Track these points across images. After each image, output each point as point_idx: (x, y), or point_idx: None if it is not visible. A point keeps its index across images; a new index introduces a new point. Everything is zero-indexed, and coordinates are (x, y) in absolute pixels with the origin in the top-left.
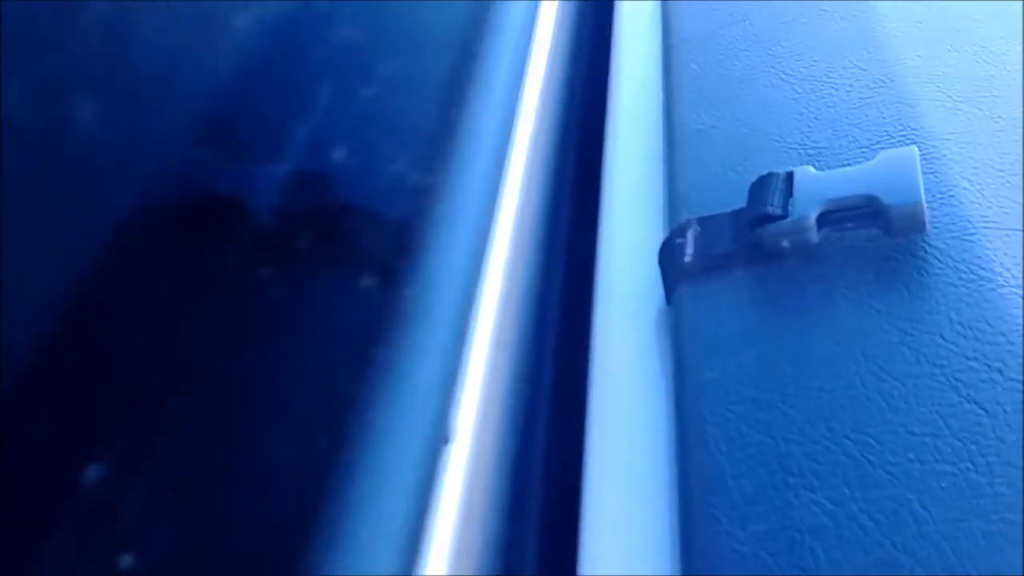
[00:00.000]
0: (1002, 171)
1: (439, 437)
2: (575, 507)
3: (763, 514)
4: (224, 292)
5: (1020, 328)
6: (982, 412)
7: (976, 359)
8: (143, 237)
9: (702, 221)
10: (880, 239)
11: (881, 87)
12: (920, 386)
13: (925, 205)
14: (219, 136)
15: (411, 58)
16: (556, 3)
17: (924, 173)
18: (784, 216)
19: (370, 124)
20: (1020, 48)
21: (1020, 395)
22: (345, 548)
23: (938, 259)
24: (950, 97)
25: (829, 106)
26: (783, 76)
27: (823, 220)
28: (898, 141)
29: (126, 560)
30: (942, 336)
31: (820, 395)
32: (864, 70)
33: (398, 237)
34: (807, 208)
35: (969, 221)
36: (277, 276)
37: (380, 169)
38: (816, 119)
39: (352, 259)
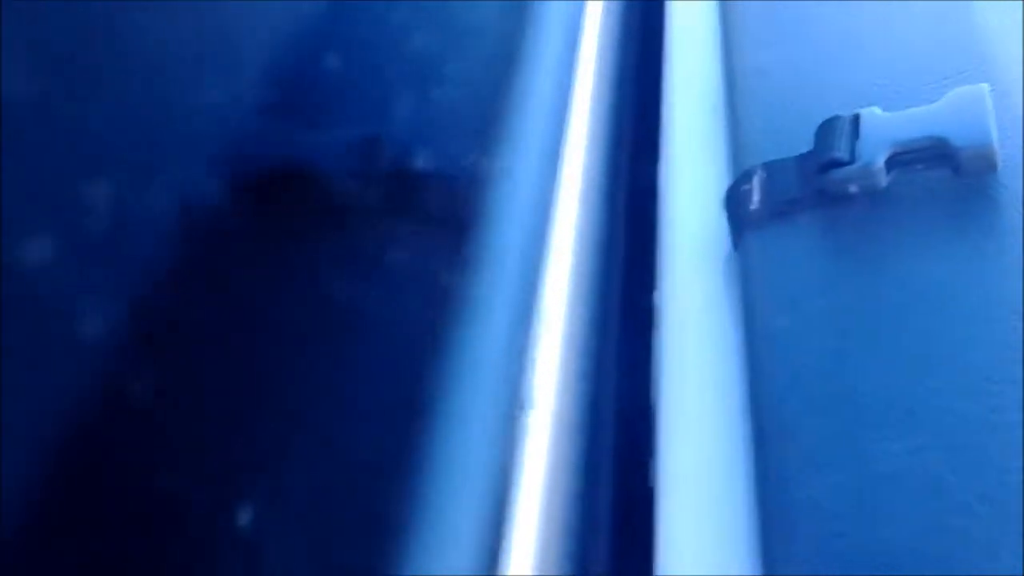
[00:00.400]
0: None
1: (516, 406)
2: (649, 463)
3: (838, 464)
4: (298, 270)
5: None
6: None
7: None
8: (216, 206)
9: (767, 166)
10: (950, 180)
11: (949, 20)
12: (995, 331)
13: (996, 146)
14: (291, 106)
15: (465, 46)
16: None
17: (995, 110)
18: (851, 161)
19: (432, 111)
20: None
21: None
22: (428, 528)
23: (1011, 199)
24: (1020, 31)
25: (895, 42)
26: (847, 11)
27: (891, 163)
28: (968, 78)
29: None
30: (1016, 278)
31: (893, 343)
32: (930, 4)
33: (461, 199)
34: (875, 152)
35: None
36: (348, 252)
37: (443, 152)
38: (882, 56)
39: (421, 236)
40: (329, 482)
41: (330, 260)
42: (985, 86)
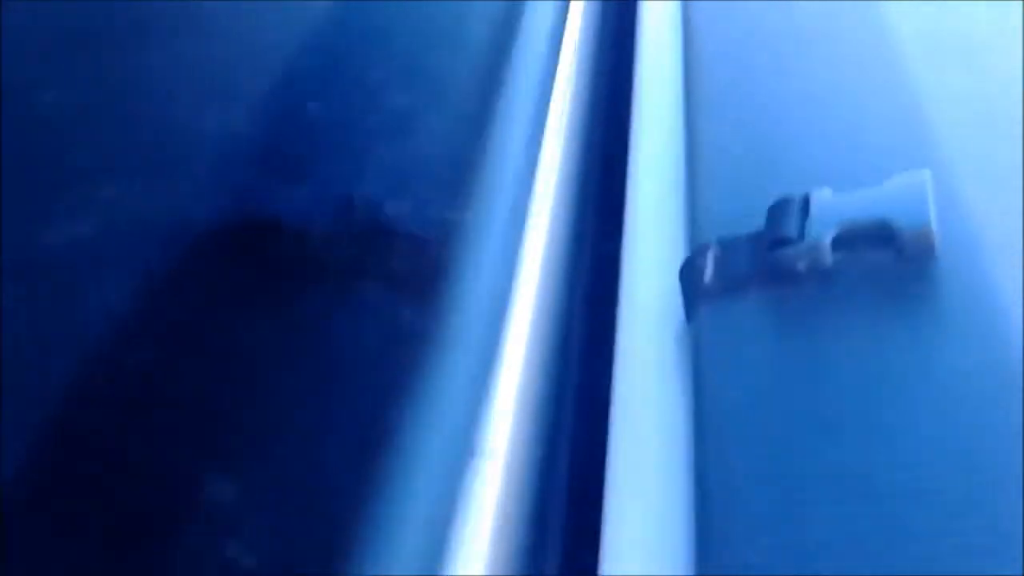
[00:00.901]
0: (1016, 193)
1: (468, 452)
2: (597, 520)
3: (776, 529)
4: (265, 308)
5: None
6: (991, 432)
7: (986, 380)
8: (195, 248)
9: (721, 242)
10: (892, 262)
11: (898, 107)
12: (930, 407)
13: (935, 230)
14: (266, 160)
15: (433, 80)
16: (581, 4)
17: (936, 195)
18: (800, 239)
19: (405, 170)
20: None
21: None
22: (378, 554)
23: (949, 283)
24: (964, 117)
25: (848, 126)
26: (802, 96)
27: (837, 243)
28: (913, 162)
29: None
30: (952, 359)
31: (834, 416)
32: (881, 90)
33: (428, 258)
34: (821, 232)
35: (980, 245)
36: (314, 296)
37: (409, 196)
38: (834, 139)
39: (383, 279)
40: (285, 505)
41: (301, 306)
42: (927, 172)
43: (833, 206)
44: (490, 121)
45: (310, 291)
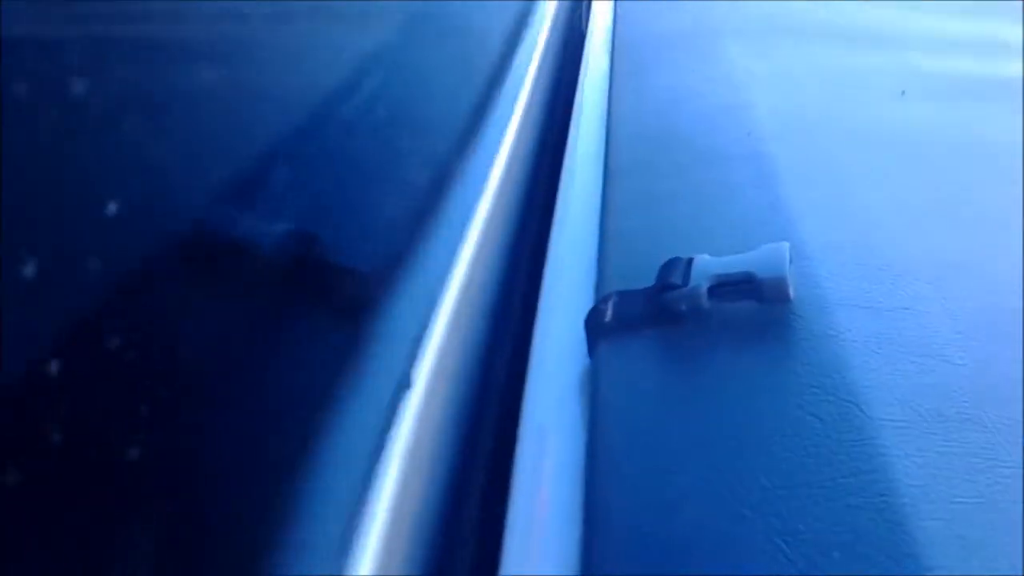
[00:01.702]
0: (859, 262)
1: (376, 461)
2: (502, 521)
3: (655, 531)
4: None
5: (860, 374)
6: (834, 443)
7: (828, 399)
8: (164, 270)
9: (621, 293)
10: (757, 307)
11: (767, 193)
12: (784, 423)
13: (789, 280)
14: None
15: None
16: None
17: (797, 262)
18: (684, 285)
19: (362, 213)
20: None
21: (859, 418)
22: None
23: (801, 325)
24: (825, 201)
25: (729, 204)
26: (697, 180)
27: (713, 291)
28: (782, 236)
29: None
30: (801, 384)
31: (708, 430)
32: (762, 176)
33: (359, 288)
34: (700, 281)
35: (827, 299)
36: (265, 310)
37: (360, 249)
38: (719, 215)
39: (325, 315)
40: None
41: (250, 318)
42: (786, 243)
43: (711, 264)
44: (443, 173)
45: (257, 305)
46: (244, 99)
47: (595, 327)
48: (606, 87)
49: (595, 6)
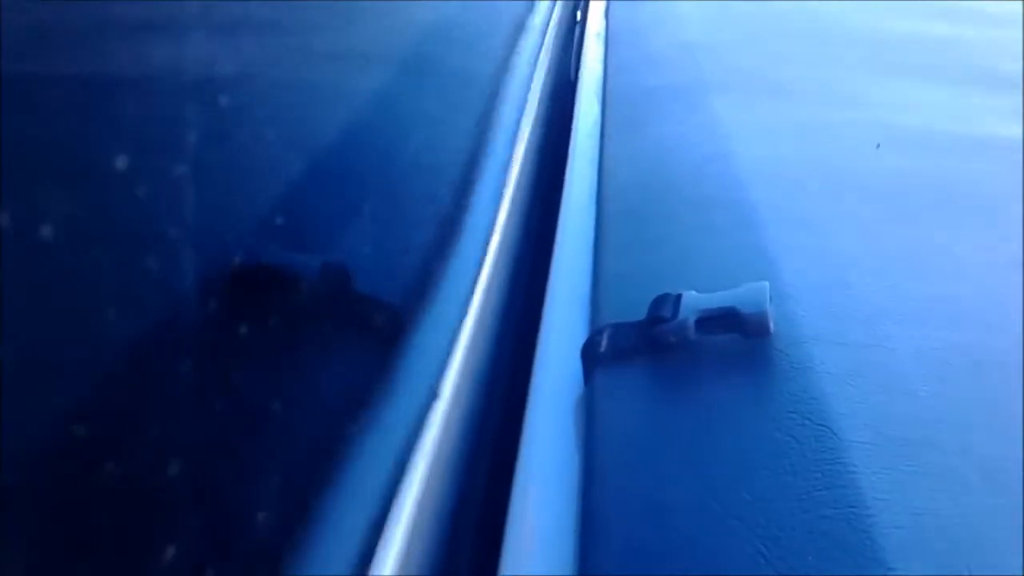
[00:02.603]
0: (834, 302)
1: (399, 467)
2: (502, 527)
3: (647, 539)
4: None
5: (833, 402)
6: (813, 460)
7: (806, 422)
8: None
9: (615, 325)
10: (740, 339)
11: (755, 233)
12: (764, 444)
13: (770, 316)
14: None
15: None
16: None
17: (777, 300)
18: (673, 319)
19: (390, 250)
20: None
21: (832, 440)
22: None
23: (780, 357)
24: (804, 244)
25: (715, 246)
26: (685, 224)
27: (700, 324)
28: (764, 276)
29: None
30: (780, 409)
31: (694, 450)
32: (746, 221)
33: (389, 326)
34: (688, 315)
35: (803, 334)
36: (292, 337)
37: (387, 282)
38: (705, 256)
39: (353, 340)
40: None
41: (286, 342)
42: (766, 283)
43: (698, 300)
44: (447, 215)
45: (291, 333)
46: (261, 133)
47: (591, 356)
48: (598, 136)
49: (585, 54)
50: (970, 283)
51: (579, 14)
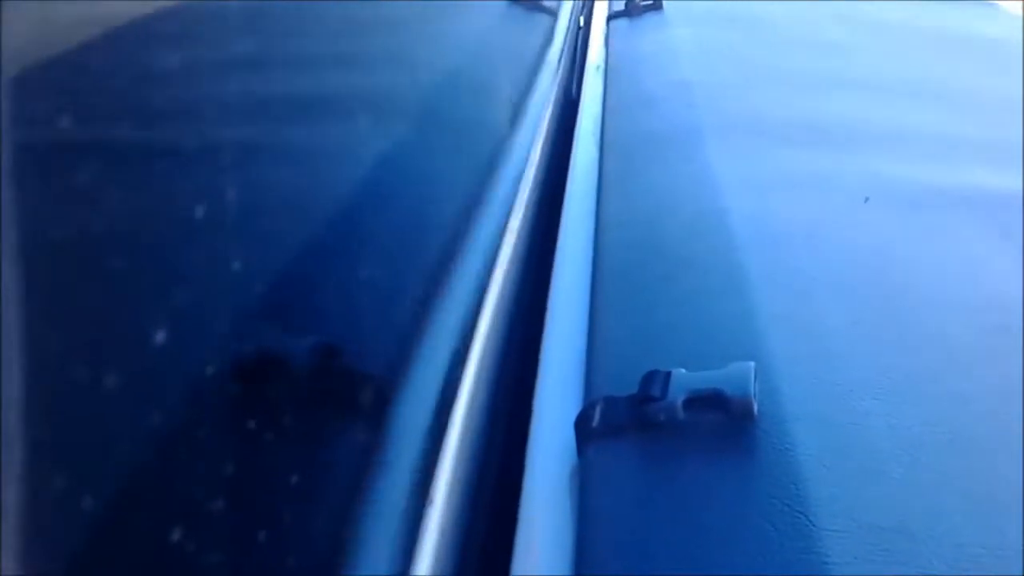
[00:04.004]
0: (815, 376)
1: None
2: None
3: None
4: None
5: (810, 486)
6: (788, 546)
7: (784, 507)
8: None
9: (607, 399)
10: (725, 421)
11: (743, 301)
12: (743, 525)
13: (754, 398)
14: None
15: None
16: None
17: (762, 375)
18: (662, 399)
19: (378, 325)
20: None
21: (806, 527)
22: None
23: (763, 437)
24: (789, 313)
25: (704, 314)
26: (676, 290)
27: (687, 404)
28: (750, 346)
29: None
30: (761, 487)
31: (679, 523)
32: (734, 287)
33: (381, 400)
34: (676, 394)
35: (785, 412)
36: (297, 411)
37: (378, 356)
38: (699, 324)
39: (347, 418)
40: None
41: (287, 423)
42: (752, 363)
43: (686, 379)
44: (438, 281)
45: (291, 412)
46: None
47: (584, 429)
48: (594, 191)
49: (581, 108)
50: (951, 357)
51: (578, 50)
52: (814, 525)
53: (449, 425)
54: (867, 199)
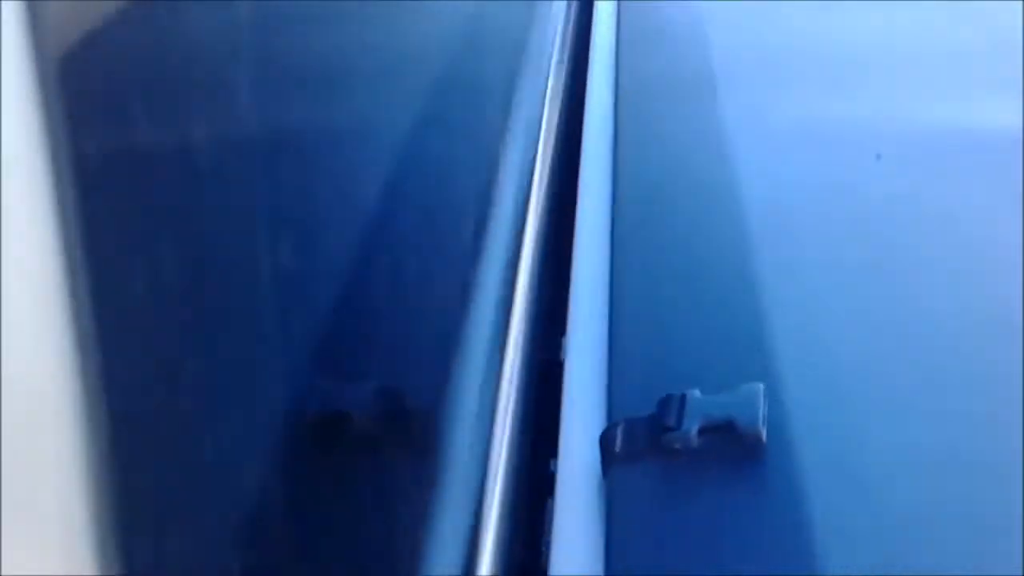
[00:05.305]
0: (824, 393)
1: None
2: None
3: None
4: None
5: (816, 516)
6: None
7: (791, 522)
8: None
9: (628, 420)
10: (737, 448)
11: (745, 329)
12: (752, 550)
13: (763, 425)
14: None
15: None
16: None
17: (773, 401)
18: (677, 428)
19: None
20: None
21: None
22: None
23: (772, 465)
24: (800, 328)
25: (719, 340)
26: (696, 316)
27: (701, 432)
28: (761, 362)
29: None
30: (772, 513)
31: (696, 546)
32: (747, 315)
33: (435, 439)
34: (691, 424)
35: (792, 436)
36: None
37: (429, 397)
38: (709, 351)
39: (410, 458)
40: None
41: (357, 476)
42: (760, 384)
43: (700, 404)
44: (461, 312)
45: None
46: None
47: (607, 451)
48: (608, 203)
49: (588, 108)
50: (959, 364)
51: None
52: (816, 555)
53: (491, 450)
54: (879, 156)
